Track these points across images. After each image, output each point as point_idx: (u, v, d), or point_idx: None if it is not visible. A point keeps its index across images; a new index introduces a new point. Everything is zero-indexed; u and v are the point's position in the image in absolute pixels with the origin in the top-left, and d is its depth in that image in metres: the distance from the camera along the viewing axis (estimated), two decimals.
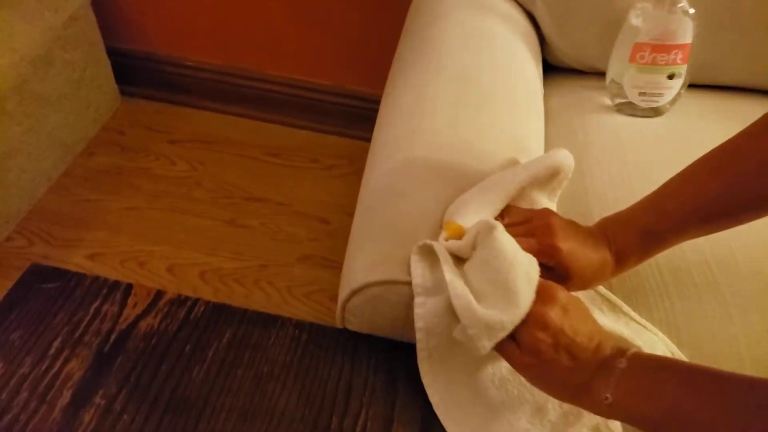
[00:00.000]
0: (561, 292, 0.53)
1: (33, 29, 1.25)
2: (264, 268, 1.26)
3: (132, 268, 1.26)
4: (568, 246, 0.56)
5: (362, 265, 0.61)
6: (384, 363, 0.61)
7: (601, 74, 0.93)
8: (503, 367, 0.59)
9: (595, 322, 0.53)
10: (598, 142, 0.86)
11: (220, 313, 0.63)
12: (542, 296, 0.52)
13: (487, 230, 0.54)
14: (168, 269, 1.26)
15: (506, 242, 0.53)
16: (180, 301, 0.63)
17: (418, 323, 0.57)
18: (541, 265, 0.54)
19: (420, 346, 0.58)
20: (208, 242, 1.30)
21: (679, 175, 0.60)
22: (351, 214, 0.67)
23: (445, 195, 0.64)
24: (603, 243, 0.58)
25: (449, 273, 0.55)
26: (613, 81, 0.90)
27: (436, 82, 0.76)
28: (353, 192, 0.68)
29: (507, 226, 0.56)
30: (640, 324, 0.65)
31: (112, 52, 1.46)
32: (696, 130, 0.88)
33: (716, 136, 0.59)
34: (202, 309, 0.63)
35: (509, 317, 0.51)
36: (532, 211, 0.61)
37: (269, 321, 0.62)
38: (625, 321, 0.65)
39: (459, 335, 0.54)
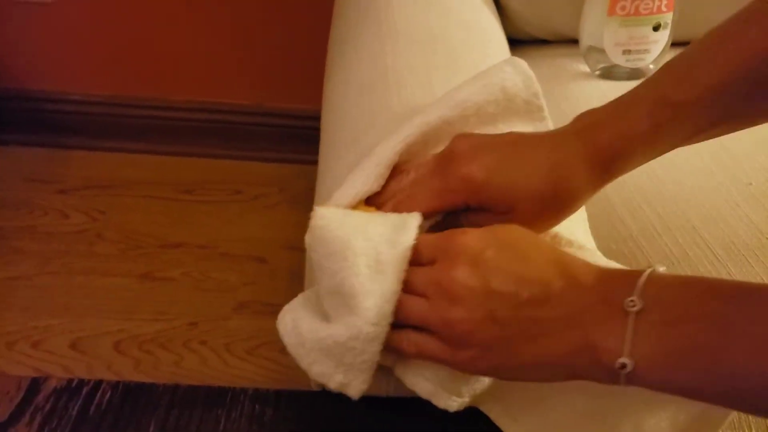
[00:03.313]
0: (463, 237, 0.36)
1: None
2: (194, 326, 1.09)
3: (23, 351, 1.03)
4: (483, 169, 0.39)
5: None
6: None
7: (571, 42, 0.82)
8: None
9: (549, 253, 0.36)
10: None
11: (138, 395, 0.42)
12: (441, 256, 0.36)
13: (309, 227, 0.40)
14: (72, 345, 1.05)
15: (334, 230, 0.38)
16: (71, 389, 0.41)
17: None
18: (455, 216, 0.40)
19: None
20: (121, 304, 1.13)
21: (698, 43, 0.42)
22: (289, 248, 0.49)
23: None
24: (561, 141, 0.41)
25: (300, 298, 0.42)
26: (591, 47, 0.79)
27: (394, 48, 0.59)
28: (288, 222, 0.52)
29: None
30: None
31: None
32: None
33: None
34: (108, 395, 0.42)
35: (355, 323, 0.35)
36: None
37: (214, 397, 0.42)
38: None
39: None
